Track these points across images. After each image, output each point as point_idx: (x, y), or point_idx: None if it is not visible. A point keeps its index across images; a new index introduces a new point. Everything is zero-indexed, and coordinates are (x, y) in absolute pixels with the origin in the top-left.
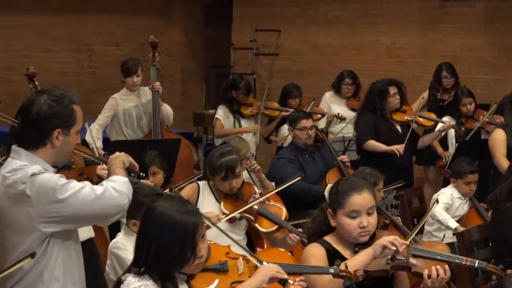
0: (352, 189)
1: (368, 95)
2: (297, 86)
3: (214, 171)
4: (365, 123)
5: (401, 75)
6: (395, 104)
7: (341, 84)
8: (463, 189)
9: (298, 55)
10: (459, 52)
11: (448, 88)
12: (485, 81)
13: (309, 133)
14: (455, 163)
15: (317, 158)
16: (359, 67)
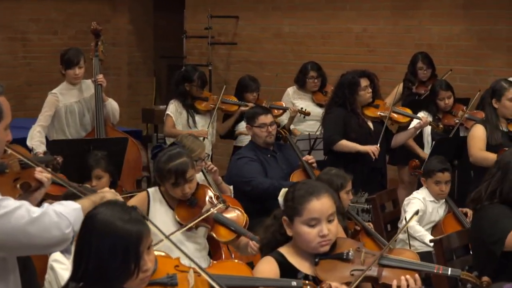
0: (310, 194)
1: (337, 88)
2: (254, 78)
3: (163, 177)
4: (334, 119)
5: (372, 66)
6: (367, 98)
7: (305, 78)
8: (433, 189)
9: (258, 44)
10: (435, 41)
11: (424, 81)
12: (464, 73)
13: (269, 130)
14: (426, 162)
15: (279, 158)
16: (326, 57)
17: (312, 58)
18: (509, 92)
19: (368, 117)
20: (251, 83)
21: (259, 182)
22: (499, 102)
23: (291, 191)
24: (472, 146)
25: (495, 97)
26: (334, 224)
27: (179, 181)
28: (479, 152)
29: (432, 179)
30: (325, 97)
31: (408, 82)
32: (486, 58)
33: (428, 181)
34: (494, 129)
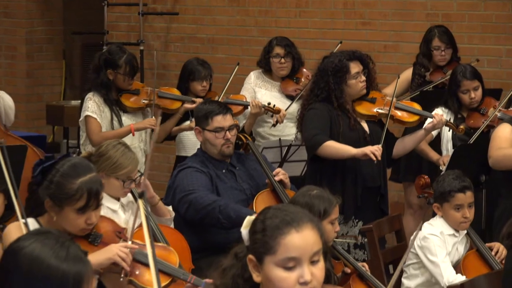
0: (288, 224)
1: (318, 76)
2: (204, 62)
3: (65, 199)
4: (315, 117)
5: (367, 44)
6: (359, 89)
7: (269, 57)
8: (453, 217)
9: (208, 15)
10: (454, 10)
11: (442, 66)
12: (494, 54)
13: (228, 136)
14: (438, 179)
15: (239, 174)
16: (303, 32)
17: (284, 34)
18: None
19: (362, 116)
20: (199, 69)
21: (199, 196)
22: None
23: (261, 220)
24: (492, 147)
25: None
26: (320, 267)
27: (90, 205)
28: (498, 151)
29: (449, 204)
30: (297, 85)
31: (420, 67)
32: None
33: (445, 207)
34: None
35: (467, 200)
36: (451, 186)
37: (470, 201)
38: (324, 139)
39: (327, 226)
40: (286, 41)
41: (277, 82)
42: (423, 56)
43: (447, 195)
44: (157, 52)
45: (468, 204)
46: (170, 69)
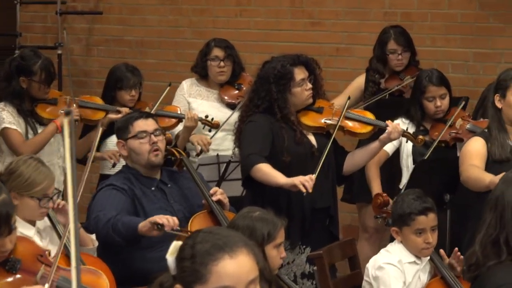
0: (220, 249)
1: (258, 83)
2: (133, 68)
3: None
4: (255, 131)
5: (317, 47)
6: (305, 98)
7: (206, 60)
8: (414, 243)
9: (136, 14)
10: (415, 8)
11: (399, 71)
12: (461, 57)
13: (154, 139)
14: (397, 200)
15: (171, 193)
16: (244, 34)
17: (223, 36)
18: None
19: (308, 128)
20: (127, 76)
21: (101, 214)
22: (503, 99)
23: (190, 245)
24: (463, 163)
25: (498, 91)
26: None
27: (2, 232)
28: (471, 169)
29: (410, 228)
30: (239, 93)
31: (374, 73)
32: (494, 34)
33: (405, 231)
34: (499, 140)
35: (430, 224)
36: (411, 207)
37: (432, 224)
38: (257, 160)
39: (271, 251)
40: (226, 43)
41: (215, 90)
42: (378, 60)
43: (407, 218)
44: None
45: (431, 227)
46: (92, 76)
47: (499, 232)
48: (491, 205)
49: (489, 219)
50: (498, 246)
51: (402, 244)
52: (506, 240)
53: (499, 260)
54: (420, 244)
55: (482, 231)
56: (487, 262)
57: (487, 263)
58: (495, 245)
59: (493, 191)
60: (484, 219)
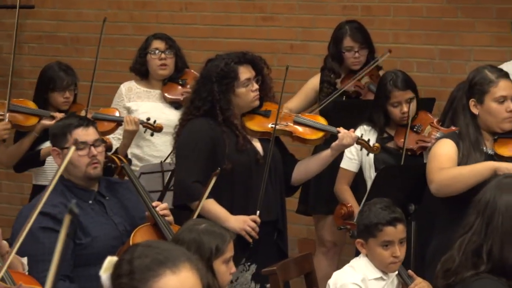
0: (161, 264)
1: (200, 82)
2: (67, 67)
3: None
4: (189, 139)
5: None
6: (250, 100)
7: (147, 55)
8: (381, 257)
9: (71, 8)
10: (376, 2)
11: (356, 70)
12: (426, 55)
13: (94, 152)
14: (363, 210)
15: (110, 205)
16: (189, 30)
17: (167, 32)
18: (497, 88)
19: (254, 133)
20: (61, 76)
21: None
22: (480, 104)
23: (127, 260)
24: (432, 169)
25: (473, 96)
26: None
27: None
28: (442, 173)
29: (376, 240)
30: (184, 88)
31: (329, 73)
32: (462, 30)
33: (371, 243)
34: (472, 148)
35: (398, 236)
36: (379, 217)
37: (401, 236)
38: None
39: (220, 267)
40: (166, 35)
41: (157, 89)
42: (333, 59)
43: (374, 229)
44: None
45: (399, 240)
46: (23, 76)
47: (483, 240)
48: (479, 209)
49: (475, 225)
50: (479, 256)
51: (368, 258)
52: (489, 250)
53: (476, 272)
54: (387, 258)
55: (466, 235)
56: (463, 272)
57: (463, 273)
58: (477, 254)
59: (484, 193)
60: (468, 222)
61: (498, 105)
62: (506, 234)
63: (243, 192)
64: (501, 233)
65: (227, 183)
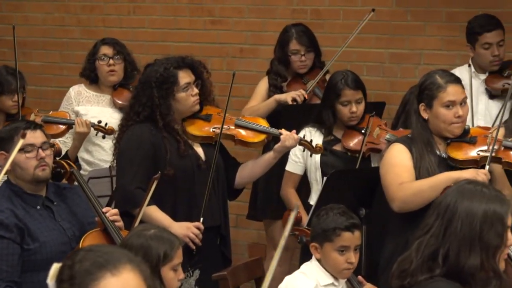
0: (101, 267)
1: (140, 88)
2: (15, 71)
3: None
4: (130, 145)
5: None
6: (191, 105)
7: (96, 61)
8: (335, 262)
9: (18, 12)
10: (326, 5)
11: (303, 74)
12: (376, 58)
13: (42, 155)
14: (320, 214)
15: (58, 210)
16: (138, 33)
17: (115, 36)
18: (445, 93)
19: (195, 138)
20: (9, 80)
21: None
22: (429, 109)
23: (69, 265)
24: (391, 185)
25: (423, 100)
26: None
27: None
28: (403, 189)
29: (333, 244)
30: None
31: (276, 77)
32: (412, 34)
33: (326, 248)
34: (425, 151)
35: (355, 242)
36: (337, 222)
37: (357, 243)
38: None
39: (168, 273)
40: (115, 40)
41: (107, 94)
42: (279, 62)
43: (331, 234)
44: None
45: (355, 246)
46: None
47: (440, 243)
48: (439, 211)
49: (434, 227)
50: (435, 259)
51: (320, 263)
52: (446, 254)
53: (431, 275)
54: (341, 264)
55: (424, 236)
56: (418, 275)
57: (419, 276)
58: (433, 257)
59: (445, 196)
60: (427, 223)
61: (446, 110)
62: (464, 240)
63: (186, 198)
64: (459, 238)
65: (169, 189)
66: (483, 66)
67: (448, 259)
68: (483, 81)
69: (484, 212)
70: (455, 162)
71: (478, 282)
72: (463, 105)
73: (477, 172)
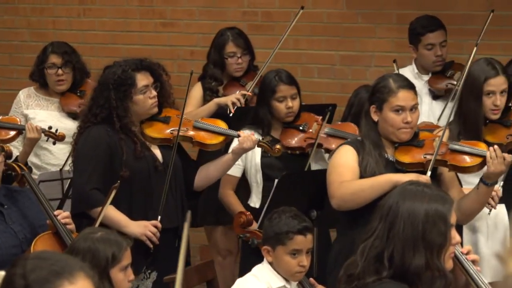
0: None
1: (98, 90)
2: None
3: None
4: (87, 147)
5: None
6: (148, 107)
7: (43, 68)
8: (287, 265)
9: None
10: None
11: (239, 77)
12: (327, 61)
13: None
14: (272, 217)
15: (9, 213)
16: (88, 36)
17: (65, 38)
18: (396, 98)
19: (153, 140)
20: None
21: None
22: (379, 112)
23: (21, 274)
24: (332, 182)
25: (374, 103)
26: None
27: None
28: (342, 188)
29: (285, 247)
30: (81, 100)
31: (211, 81)
32: (363, 36)
33: (278, 251)
34: (373, 153)
35: (307, 245)
36: (290, 226)
37: (310, 246)
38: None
39: (118, 275)
40: (64, 48)
41: (56, 98)
42: (215, 66)
43: (284, 237)
44: None
45: (307, 249)
46: None
47: (385, 245)
48: (382, 213)
49: (378, 230)
50: (381, 262)
51: (271, 266)
52: (391, 255)
53: (378, 277)
54: (293, 267)
55: (368, 240)
56: (366, 277)
57: (366, 278)
58: (378, 259)
59: (387, 198)
60: (371, 227)
61: (395, 115)
62: (407, 240)
63: (142, 200)
64: (403, 239)
65: (126, 190)
66: (426, 67)
67: (394, 260)
68: (426, 82)
69: (426, 211)
70: (402, 165)
71: (424, 282)
72: (413, 111)
73: (418, 177)
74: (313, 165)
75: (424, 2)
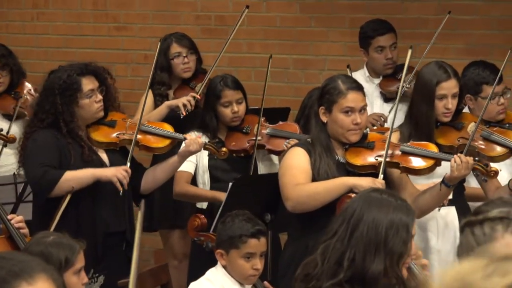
0: (17, 276)
1: (43, 95)
2: None
3: None
4: (39, 151)
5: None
6: (94, 111)
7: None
8: (241, 268)
9: None
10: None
11: (189, 79)
12: (280, 64)
13: None
14: (225, 221)
15: None
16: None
17: (19, 42)
18: (345, 100)
19: (100, 144)
20: None
21: None
22: (328, 113)
23: None
24: (286, 184)
25: (323, 104)
26: None
27: None
28: (297, 190)
29: (239, 251)
30: (16, 102)
31: (160, 86)
32: (316, 39)
33: (232, 255)
34: (324, 155)
35: (261, 248)
36: (243, 229)
37: (263, 249)
38: (58, 173)
39: (71, 278)
40: (1, 51)
41: None
42: (161, 71)
43: (237, 241)
44: None
45: (261, 252)
46: None
47: (346, 247)
48: (345, 216)
49: (340, 231)
50: (340, 264)
51: (225, 269)
52: (352, 258)
53: (335, 281)
54: (247, 270)
55: (330, 241)
56: (323, 280)
57: (323, 281)
58: (338, 261)
59: (351, 203)
60: (332, 229)
61: (344, 116)
62: (369, 244)
63: (91, 206)
64: (365, 242)
65: (73, 194)
66: (377, 70)
67: (354, 263)
68: (378, 85)
69: (390, 219)
70: (353, 167)
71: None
72: (362, 113)
73: (374, 181)
74: (260, 166)
75: (376, 6)
